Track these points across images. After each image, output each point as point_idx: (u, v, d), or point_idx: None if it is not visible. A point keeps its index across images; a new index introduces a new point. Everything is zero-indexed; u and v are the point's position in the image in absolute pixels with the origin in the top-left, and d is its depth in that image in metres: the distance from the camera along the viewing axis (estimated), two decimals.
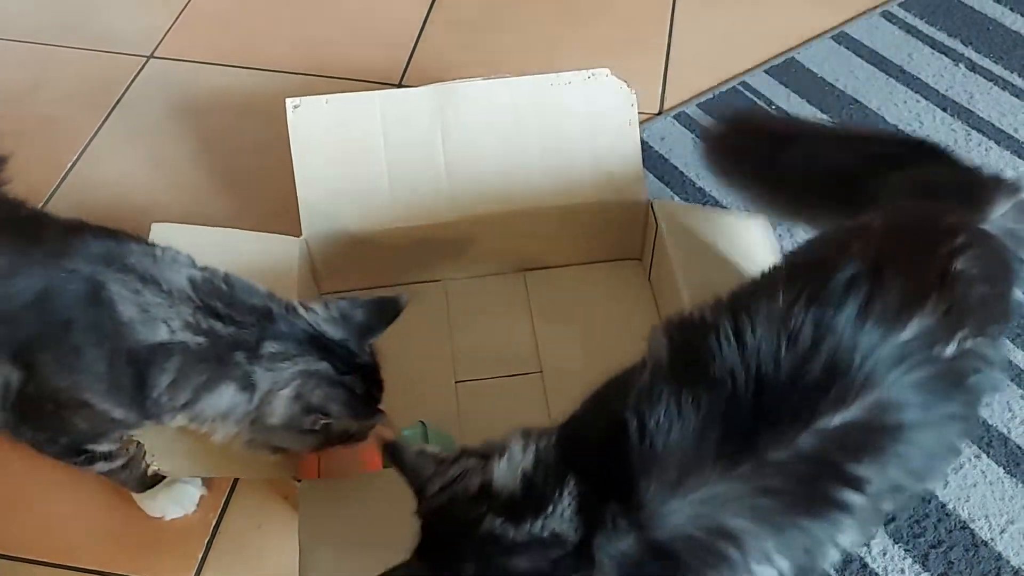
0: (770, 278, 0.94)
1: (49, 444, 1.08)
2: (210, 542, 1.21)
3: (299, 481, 1.09)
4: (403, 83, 1.82)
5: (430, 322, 1.42)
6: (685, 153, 1.66)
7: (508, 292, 1.46)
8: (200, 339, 0.98)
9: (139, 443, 0.99)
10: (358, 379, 1.04)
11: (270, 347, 1.00)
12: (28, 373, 0.99)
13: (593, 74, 1.38)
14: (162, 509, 1.23)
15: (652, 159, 1.65)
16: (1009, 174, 1.60)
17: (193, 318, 0.99)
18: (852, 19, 1.93)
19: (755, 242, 1.32)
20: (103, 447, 1.10)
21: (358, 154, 1.34)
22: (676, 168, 1.64)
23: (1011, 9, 1.92)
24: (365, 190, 1.35)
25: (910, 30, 1.89)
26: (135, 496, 1.22)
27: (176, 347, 0.98)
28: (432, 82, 1.41)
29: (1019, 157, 1.64)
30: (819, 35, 1.89)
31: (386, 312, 1.09)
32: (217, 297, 1.01)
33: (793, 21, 1.93)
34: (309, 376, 1.00)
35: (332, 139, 1.34)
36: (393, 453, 0.89)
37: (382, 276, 1.45)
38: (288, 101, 1.33)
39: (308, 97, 1.33)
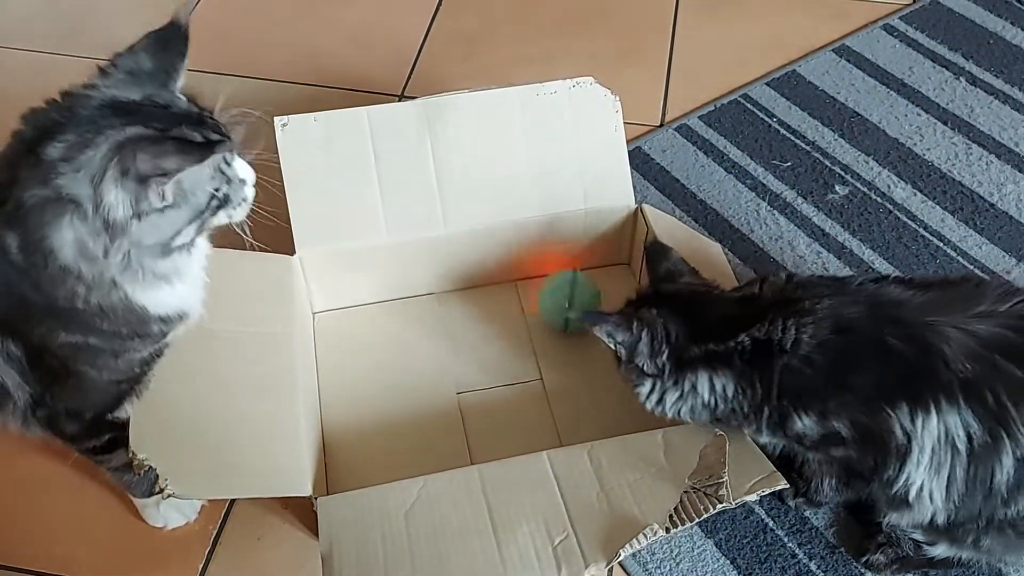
0: None
1: (73, 421, 1.02)
2: (210, 553, 1.21)
3: (316, 499, 1.10)
4: (405, 94, 1.83)
5: (428, 335, 1.42)
6: (686, 165, 1.67)
7: (502, 302, 1.46)
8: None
9: (151, 467, 0.99)
10: (187, 128, 0.87)
11: (54, 150, 0.82)
12: (24, 340, 0.92)
13: (578, 83, 1.39)
14: (164, 518, 1.22)
15: (653, 171, 1.65)
16: (1010, 188, 1.61)
17: None
18: (854, 32, 1.93)
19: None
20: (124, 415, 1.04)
21: (349, 170, 1.34)
22: (677, 180, 1.64)
23: (1012, 23, 1.93)
24: (357, 206, 1.35)
25: (911, 43, 1.89)
26: (137, 503, 1.22)
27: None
28: (435, 94, 1.42)
29: (1019, 171, 1.64)
30: (820, 48, 1.90)
31: (171, 43, 0.93)
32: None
33: (794, 34, 1.94)
34: (120, 147, 0.82)
35: (322, 156, 1.34)
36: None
37: (376, 292, 1.45)
38: (276, 120, 1.32)
39: (296, 115, 1.33)
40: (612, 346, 1.13)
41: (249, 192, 0.98)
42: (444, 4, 2.04)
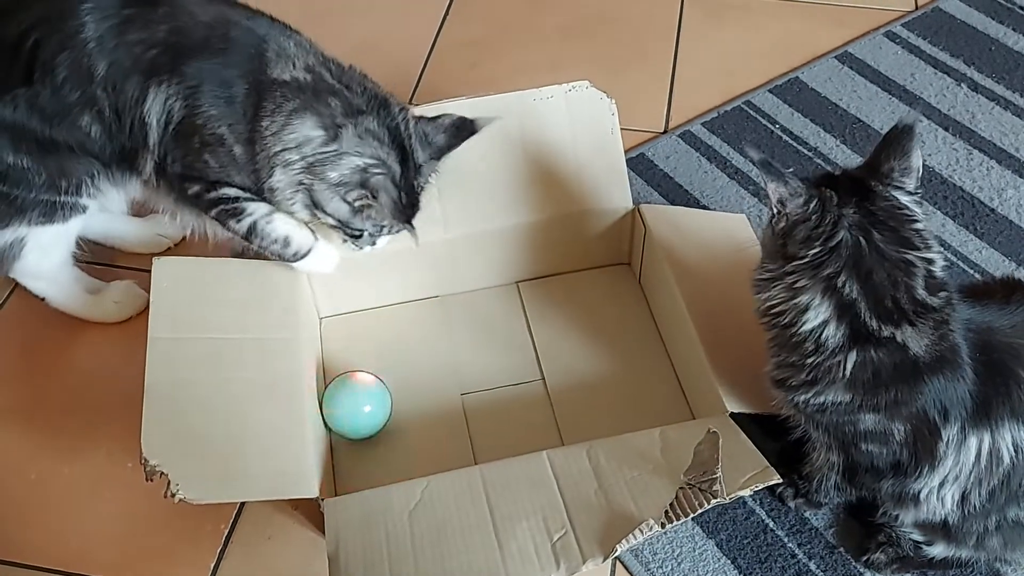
0: None
1: (192, 183, 1.24)
2: (222, 552, 1.22)
3: (323, 500, 1.12)
4: (413, 102, 1.85)
5: (431, 338, 1.44)
6: (690, 171, 1.68)
7: (504, 304, 1.49)
8: (308, 76, 1.18)
9: (162, 473, 1.02)
10: (408, 196, 1.22)
11: (368, 122, 1.18)
12: (188, 105, 1.17)
13: (574, 87, 1.41)
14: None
15: (657, 177, 1.67)
16: (1010, 193, 1.62)
17: (313, 61, 1.21)
18: (856, 39, 1.95)
19: (737, 235, 1.39)
20: (231, 192, 1.24)
21: None
22: (681, 186, 1.66)
23: (1013, 29, 1.94)
24: None
25: (913, 50, 1.91)
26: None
27: (289, 83, 1.17)
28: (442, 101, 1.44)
29: (1020, 176, 1.65)
30: (823, 55, 1.92)
31: (462, 131, 1.27)
32: (336, 65, 1.24)
33: (797, 41, 1.95)
34: (383, 164, 1.18)
35: None
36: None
37: (380, 296, 1.47)
38: None
39: None
40: (774, 210, 1.01)
41: (369, 249, 1.30)
42: (451, 14, 2.07)
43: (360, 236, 1.26)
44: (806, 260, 0.99)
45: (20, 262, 1.33)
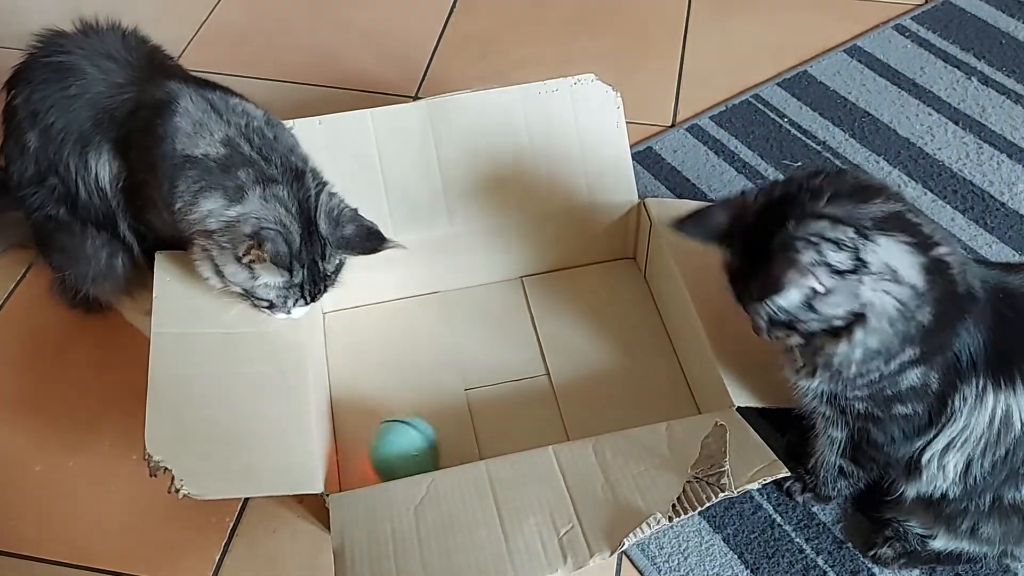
0: None
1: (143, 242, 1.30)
2: (227, 545, 1.23)
3: (328, 495, 1.11)
4: (419, 95, 1.85)
5: (435, 333, 1.44)
6: (697, 165, 1.68)
7: (508, 299, 1.48)
8: (222, 150, 1.15)
9: (166, 468, 1.01)
10: (306, 270, 1.15)
11: (277, 190, 1.13)
12: (126, 165, 1.20)
13: (579, 80, 1.40)
14: None
15: (664, 171, 1.67)
16: (1021, 187, 1.61)
17: (233, 132, 1.16)
18: (865, 32, 1.94)
19: None
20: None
21: (355, 172, 1.35)
22: (688, 180, 1.65)
23: None
24: (363, 207, 1.35)
25: (923, 43, 1.90)
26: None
27: (199, 160, 1.14)
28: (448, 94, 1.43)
29: None
30: (832, 48, 1.91)
31: (370, 241, 1.19)
32: (261, 135, 1.18)
33: (806, 34, 1.95)
34: (283, 226, 1.12)
35: (328, 159, 1.33)
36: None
37: (384, 291, 1.47)
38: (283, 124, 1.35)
39: (302, 119, 1.34)
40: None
41: (285, 316, 1.21)
42: (458, 6, 2.06)
43: (271, 306, 1.19)
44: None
45: None
